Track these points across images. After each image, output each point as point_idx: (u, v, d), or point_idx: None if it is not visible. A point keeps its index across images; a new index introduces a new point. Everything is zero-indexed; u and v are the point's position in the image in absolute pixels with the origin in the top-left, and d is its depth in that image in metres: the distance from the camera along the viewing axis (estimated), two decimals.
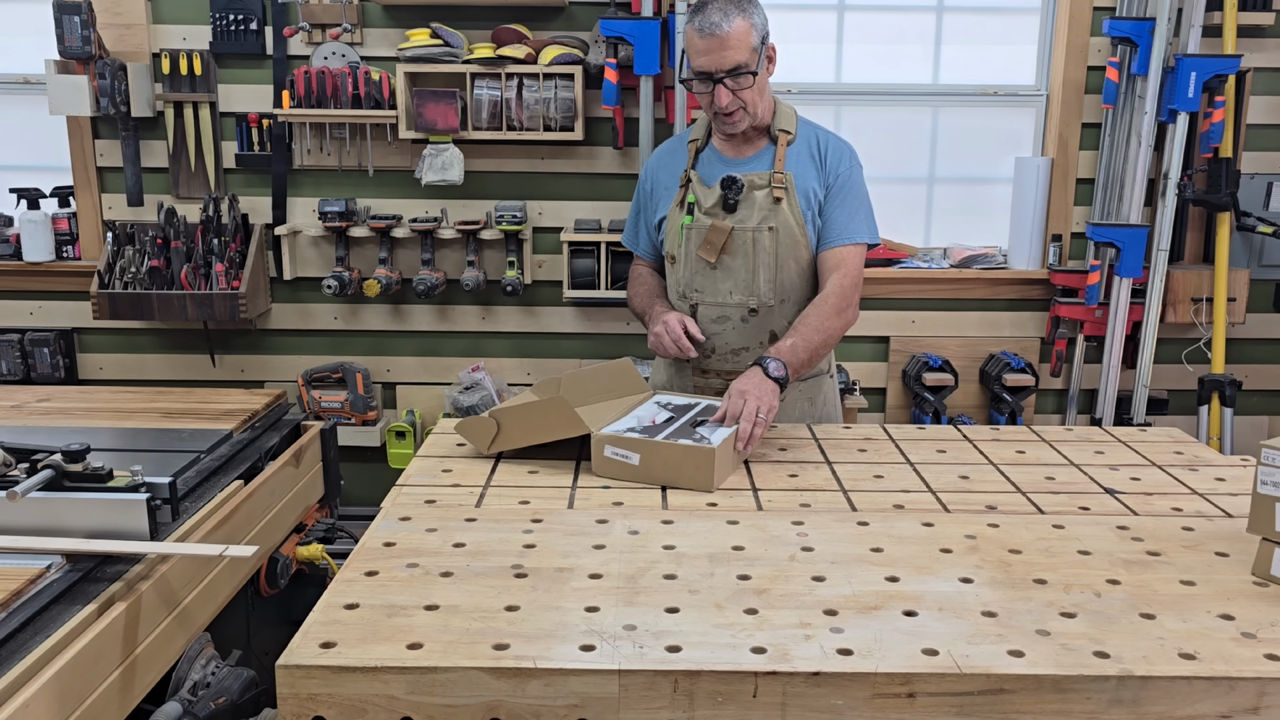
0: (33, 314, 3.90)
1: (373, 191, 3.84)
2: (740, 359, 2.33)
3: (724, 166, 2.30)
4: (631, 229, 2.52)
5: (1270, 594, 1.44)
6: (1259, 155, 3.81)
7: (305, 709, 1.22)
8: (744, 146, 2.31)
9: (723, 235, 2.25)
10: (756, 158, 2.30)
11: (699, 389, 2.37)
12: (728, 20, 2.11)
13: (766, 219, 2.24)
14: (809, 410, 2.40)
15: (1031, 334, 3.95)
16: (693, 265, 2.31)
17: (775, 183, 2.24)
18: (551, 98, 3.61)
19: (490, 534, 1.62)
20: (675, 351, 2.19)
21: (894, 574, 1.48)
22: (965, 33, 3.91)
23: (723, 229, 2.25)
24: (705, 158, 2.34)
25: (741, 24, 2.12)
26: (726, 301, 2.30)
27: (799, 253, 2.27)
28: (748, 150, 2.31)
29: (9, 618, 1.39)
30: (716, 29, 2.11)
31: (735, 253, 2.26)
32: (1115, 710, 1.22)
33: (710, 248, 2.26)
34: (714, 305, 2.31)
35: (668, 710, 1.22)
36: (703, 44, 2.14)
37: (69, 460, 1.63)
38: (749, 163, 2.30)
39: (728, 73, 2.14)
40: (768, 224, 2.24)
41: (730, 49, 2.12)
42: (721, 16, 2.11)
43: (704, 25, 2.13)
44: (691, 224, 2.29)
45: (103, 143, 3.79)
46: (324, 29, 3.68)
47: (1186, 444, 2.17)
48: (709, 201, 2.27)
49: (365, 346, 3.96)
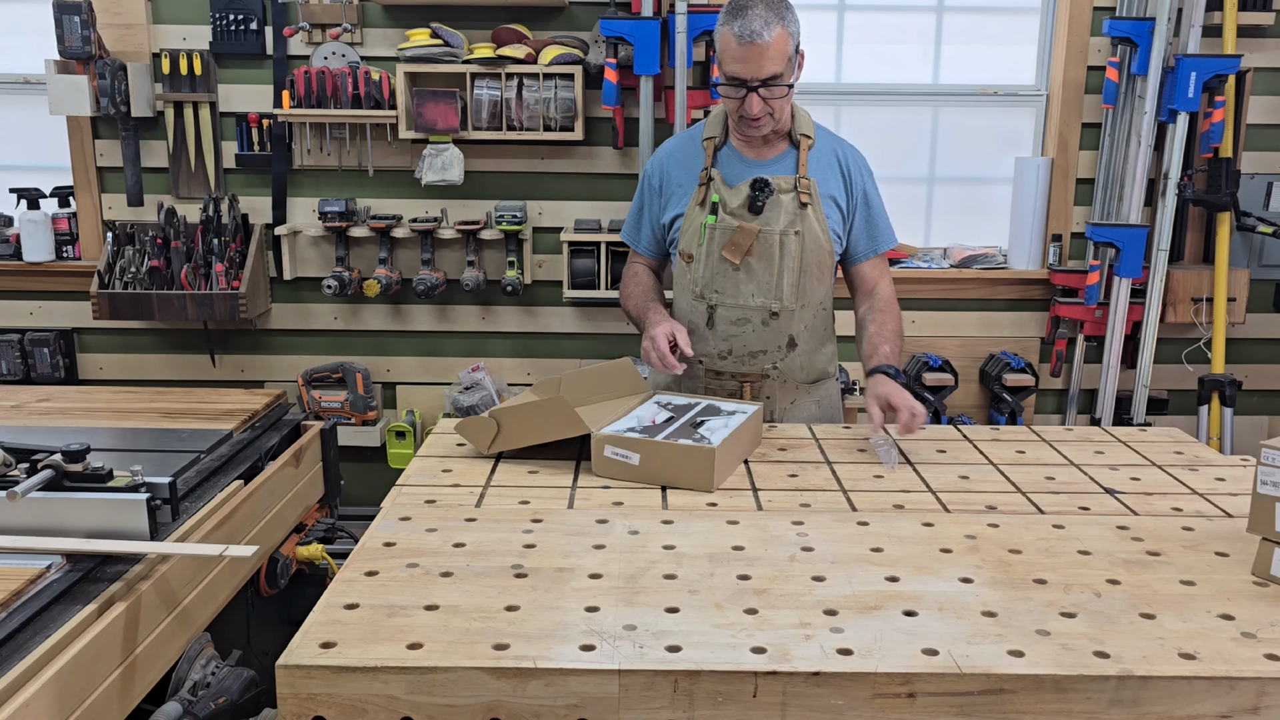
0: (33, 314, 3.91)
1: (373, 191, 3.84)
2: (757, 361, 2.32)
3: (745, 167, 2.27)
4: (633, 225, 2.46)
5: (1270, 594, 1.44)
6: (1259, 155, 3.81)
7: (305, 709, 1.22)
8: (764, 148, 2.29)
9: (750, 237, 2.23)
10: (778, 160, 2.28)
11: (711, 390, 2.35)
12: (769, 29, 2.05)
13: (793, 223, 2.23)
14: (816, 412, 2.41)
15: (1031, 334, 3.95)
16: (714, 266, 2.28)
17: (801, 187, 2.24)
18: (551, 98, 3.61)
19: (490, 534, 1.62)
20: (660, 368, 2.15)
21: (894, 574, 1.48)
22: (965, 33, 3.91)
23: (750, 231, 2.22)
24: (725, 157, 2.30)
25: (781, 33, 2.07)
26: (748, 304, 2.28)
27: (822, 258, 2.28)
28: (769, 152, 2.29)
29: (9, 618, 1.39)
30: (758, 38, 2.05)
31: (760, 255, 2.25)
32: (1115, 710, 1.22)
33: (735, 249, 2.24)
34: (734, 307, 2.29)
35: (668, 710, 1.22)
36: (741, 51, 2.07)
37: (69, 460, 1.63)
38: (771, 165, 2.27)
39: (763, 82, 2.10)
40: (794, 228, 2.23)
41: (769, 59, 2.07)
42: (763, 25, 2.05)
43: (744, 32, 2.05)
44: (715, 224, 2.25)
45: (103, 143, 3.79)
46: (324, 29, 3.69)
47: (1186, 444, 2.17)
48: (735, 202, 2.24)
49: (365, 346, 3.96)
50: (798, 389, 2.36)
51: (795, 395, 2.36)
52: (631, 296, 2.40)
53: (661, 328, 2.18)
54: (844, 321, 2.46)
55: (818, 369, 2.39)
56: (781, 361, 2.32)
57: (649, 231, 2.43)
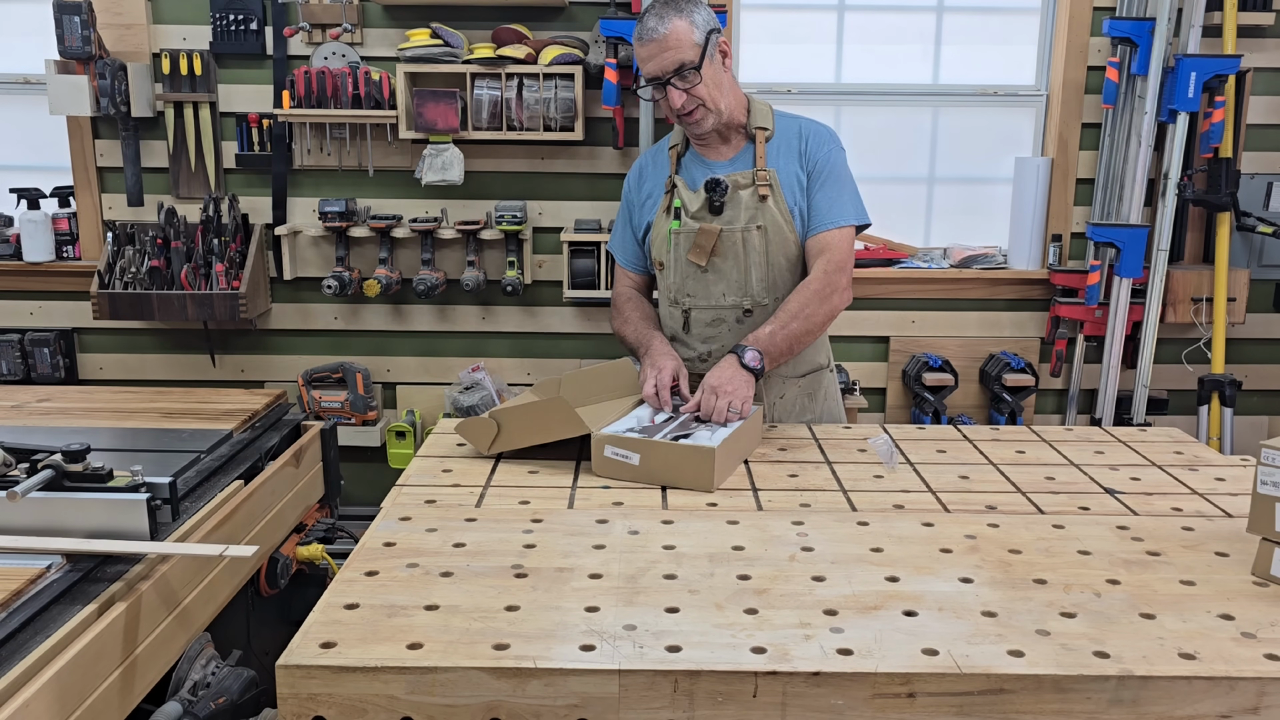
0: (33, 314, 3.90)
1: (373, 191, 3.84)
2: None
3: (705, 170, 2.29)
4: (619, 238, 2.47)
5: (1270, 594, 1.44)
6: (1259, 155, 3.81)
7: (305, 709, 1.22)
8: (723, 148, 2.31)
9: (711, 238, 2.24)
10: (738, 158, 2.30)
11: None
12: (663, 23, 2.14)
13: (754, 218, 2.24)
14: (809, 406, 2.40)
15: (1031, 334, 3.95)
16: (683, 270, 2.30)
17: (759, 180, 2.24)
18: (551, 98, 3.61)
19: (490, 534, 1.62)
20: (655, 405, 2.10)
21: (894, 574, 1.48)
22: (965, 33, 3.91)
23: (711, 231, 2.24)
24: (686, 163, 2.34)
25: (679, 23, 2.14)
26: (720, 304, 2.29)
27: (789, 249, 2.27)
28: (728, 152, 2.31)
29: (9, 618, 1.39)
30: (653, 33, 2.15)
31: (725, 254, 2.26)
32: (1115, 710, 1.22)
33: (699, 251, 2.26)
34: (708, 309, 2.30)
35: (668, 710, 1.22)
36: (644, 50, 2.17)
37: (69, 460, 1.63)
38: (730, 164, 2.29)
39: (674, 73, 2.16)
40: (755, 223, 2.24)
41: (670, 49, 2.14)
42: (657, 20, 2.15)
43: (641, 32, 2.17)
44: (680, 229, 2.28)
45: (103, 143, 3.79)
46: (324, 29, 3.69)
47: (1186, 444, 2.17)
48: (695, 205, 2.27)
49: (365, 346, 3.96)
50: (785, 383, 2.36)
51: (784, 389, 2.36)
52: (630, 321, 2.37)
53: (667, 367, 2.15)
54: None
55: (806, 361, 2.38)
56: None
57: (633, 245, 2.44)
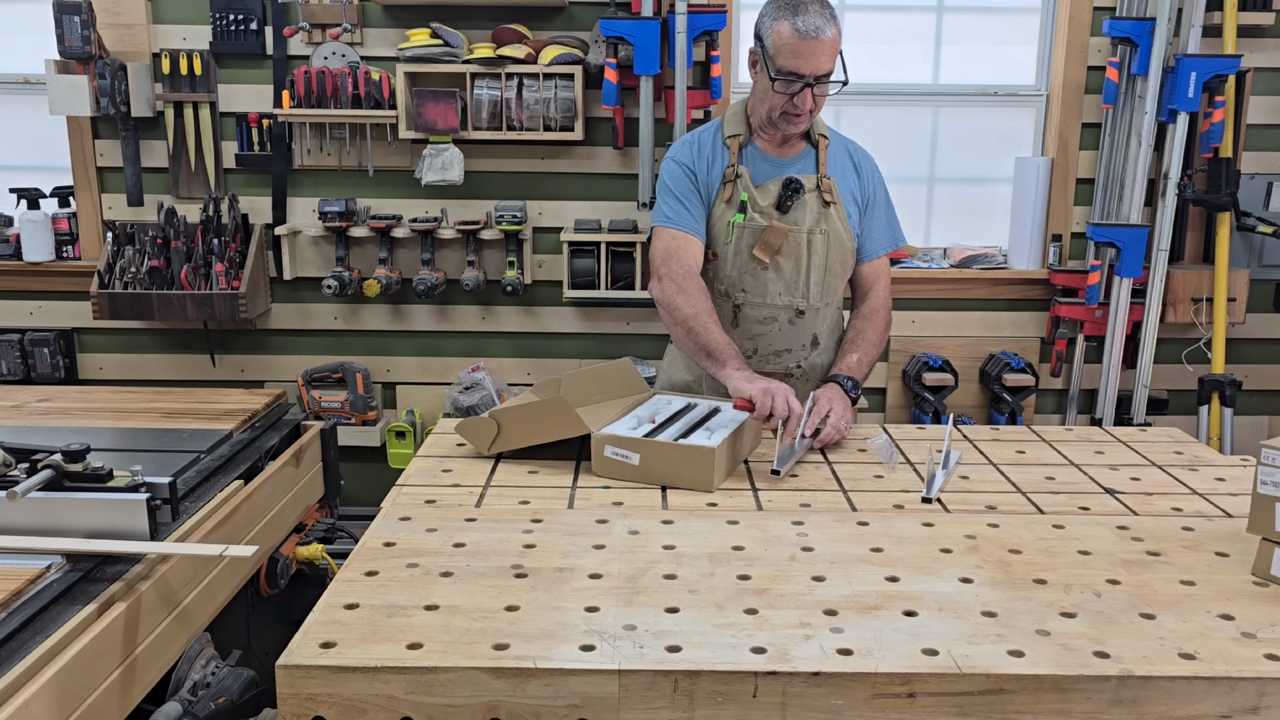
0: (33, 314, 3.90)
1: (373, 191, 3.84)
2: (781, 360, 2.33)
3: (770, 166, 2.28)
4: (681, 210, 2.27)
5: (1270, 594, 1.44)
6: (1259, 155, 3.81)
7: (305, 709, 1.22)
8: (786, 147, 2.30)
9: (780, 236, 2.24)
10: (800, 159, 2.29)
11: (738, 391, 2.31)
12: (829, 26, 2.10)
13: (819, 222, 2.25)
14: None
15: (1031, 334, 3.95)
16: (742, 264, 2.28)
17: (823, 186, 2.26)
18: (551, 98, 3.61)
19: (490, 534, 1.62)
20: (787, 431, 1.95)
21: (894, 574, 1.48)
22: (965, 33, 3.91)
23: (780, 230, 2.23)
24: (749, 155, 2.30)
25: (836, 32, 2.12)
26: (775, 303, 2.29)
27: (845, 257, 2.30)
28: (790, 151, 2.30)
29: (9, 618, 1.39)
30: (821, 33, 2.09)
31: (788, 254, 2.26)
32: (1115, 710, 1.22)
33: (766, 248, 2.25)
34: (761, 306, 2.30)
35: (668, 710, 1.22)
36: (803, 46, 2.09)
37: (69, 460, 1.63)
38: (793, 163, 2.29)
39: (819, 78, 2.13)
40: (820, 227, 2.25)
41: (826, 55, 2.11)
42: (824, 22, 2.10)
43: (807, 27, 2.09)
44: (744, 222, 2.25)
45: (103, 143, 3.79)
46: (324, 29, 3.69)
47: (1186, 444, 2.17)
48: (764, 201, 2.25)
49: (365, 346, 3.96)
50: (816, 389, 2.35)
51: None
52: (701, 313, 2.18)
53: (783, 389, 1.98)
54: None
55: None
56: (805, 360, 2.34)
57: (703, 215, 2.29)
